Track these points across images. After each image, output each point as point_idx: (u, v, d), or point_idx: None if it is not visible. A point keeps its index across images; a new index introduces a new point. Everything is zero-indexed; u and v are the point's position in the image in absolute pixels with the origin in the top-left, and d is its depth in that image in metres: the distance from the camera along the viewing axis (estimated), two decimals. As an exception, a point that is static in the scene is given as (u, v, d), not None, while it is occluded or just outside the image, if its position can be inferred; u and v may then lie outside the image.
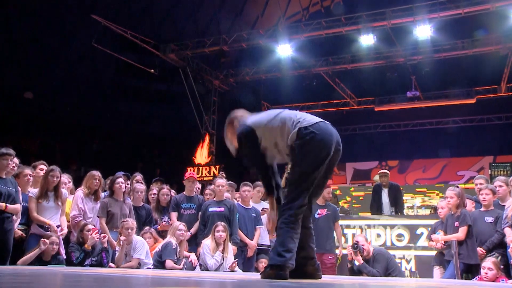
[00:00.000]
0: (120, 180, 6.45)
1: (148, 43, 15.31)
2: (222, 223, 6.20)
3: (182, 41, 15.93)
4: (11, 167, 5.59)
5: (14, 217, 5.60)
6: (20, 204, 5.68)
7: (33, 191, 5.94)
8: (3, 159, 5.46)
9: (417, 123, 19.52)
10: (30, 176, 5.96)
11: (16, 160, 5.71)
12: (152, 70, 15.92)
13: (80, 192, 6.40)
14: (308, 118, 3.55)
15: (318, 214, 6.99)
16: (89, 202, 6.37)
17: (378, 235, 7.85)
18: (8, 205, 5.38)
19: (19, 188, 5.70)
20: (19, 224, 5.83)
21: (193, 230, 6.76)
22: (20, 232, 5.78)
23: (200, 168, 16.18)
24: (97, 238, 5.76)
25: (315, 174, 3.47)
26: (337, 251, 7.26)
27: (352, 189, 16.99)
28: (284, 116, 3.60)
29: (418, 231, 7.62)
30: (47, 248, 5.52)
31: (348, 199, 16.26)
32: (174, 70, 16.46)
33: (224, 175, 7.83)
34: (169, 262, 5.89)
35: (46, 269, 4.86)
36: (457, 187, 6.24)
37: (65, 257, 5.80)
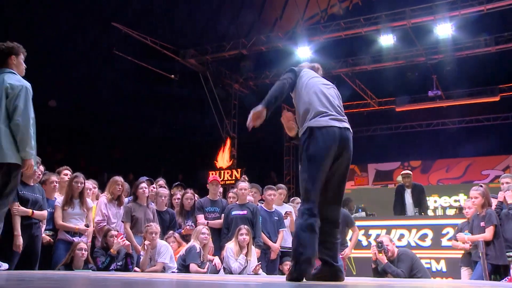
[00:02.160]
0: (144, 185, 6.50)
1: (168, 49, 15.43)
2: (246, 226, 6.20)
3: (202, 46, 16.03)
4: (38, 175, 5.69)
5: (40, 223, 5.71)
6: (47, 210, 5.79)
7: (59, 199, 6.04)
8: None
9: (439, 122, 19.25)
10: (56, 183, 6.05)
11: (41, 167, 5.81)
12: (173, 76, 16.03)
13: (104, 197, 6.47)
14: (321, 119, 3.59)
15: None
16: (112, 207, 6.44)
17: (402, 236, 7.77)
18: (34, 211, 5.48)
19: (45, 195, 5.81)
20: (46, 230, 5.93)
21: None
22: (48, 238, 5.88)
23: (222, 171, 16.23)
24: (123, 243, 5.81)
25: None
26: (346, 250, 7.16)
27: (374, 190, 16.83)
28: (313, 101, 3.66)
29: (444, 231, 7.52)
30: (76, 255, 5.59)
31: (371, 200, 16.13)
32: (194, 75, 16.54)
33: (247, 178, 7.84)
34: (193, 266, 5.91)
35: (74, 273, 4.93)
36: (481, 186, 6.15)
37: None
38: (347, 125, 3.67)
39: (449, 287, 3.34)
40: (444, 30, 13.31)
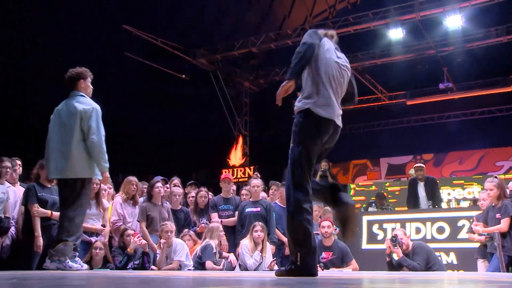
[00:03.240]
0: (159, 184, 6.55)
1: (178, 49, 15.48)
2: (260, 223, 6.22)
3: (211, 45, 16.06)
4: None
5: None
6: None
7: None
8: None
9: (451, 114, 19.09)
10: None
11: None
12: (183, 76, 16.09)
13: (119, 197, 6.53)
14: (324, 107, 3.56)
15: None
16: (127, 207, 6.50)
17: (418, 229, 7.72)
18: (53, 212, 5.57)
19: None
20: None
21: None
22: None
23: (235, 169, 16.27)
24: (139, 242, 5.86)
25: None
26: None
27: (387, 184, 16.75)
28: (324, 81, 3.63)
29: (460, 224, 7.46)
30: (94, 254, 5.66)
31: (384, 194, 16.05)
32: (204, 74, 16.59)
33: (259, 176, 7.86)
34: (209, 263, 5.94)
35: (93, 272, 4.98)
36: (496, 177, 6.09)
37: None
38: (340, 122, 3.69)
39: (466, 279, 3.33)
40: (453, 21, 13.19)
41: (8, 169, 5.79)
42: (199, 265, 6.02)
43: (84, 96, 5.06)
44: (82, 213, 4.95)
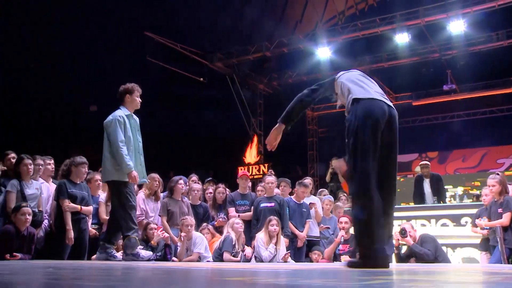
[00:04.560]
0: (181, 181, 6.60)
1: (196, 54, 15.55)
2: (275, 217, 6.22)
3: (227, 49, 16.10)
4: (84, 172, 5.86)
5: (87, 217, 5.86)
6: (92, 206, 5.94)
7: (103, 195, 6.18)
8: (82, 167, 5.75)
9: (455, 114, 18.93)
10: (100, 181, 6.20)
11: (86, 167, 5.97)
12: (201, 79, 16.15)
13: (142, 193, 6.57)
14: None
15: None
16: (150, 202, 6.53)
17: (423, 225, 7.65)
18: (82, 207, 5.64)
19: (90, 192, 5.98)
20: (92, 224, 6.08)
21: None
22: (94, 231, 6.02)
23: (250, 167, 16.29)
24: (162, 235, 5.90)
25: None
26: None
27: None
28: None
29: (463, 220, 7.36)
30: (119, 246, 5.71)
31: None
32: (221, 77, 16.65)
33: (273, 173, 7.86)
34: (226, 255, 5.96)
35: (118, 263, 5.03)
36: (498, 174, 6.04)
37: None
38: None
39: (469, 270, 3.30)
40: (457, 26, 13.10)
41: (41, 167, 5.89)
42: (220, 256, 6.04)
43: (120, 109, 5.32)
44: (128, 211, 5.10)
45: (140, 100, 5.46)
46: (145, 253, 5.22)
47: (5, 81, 13.56)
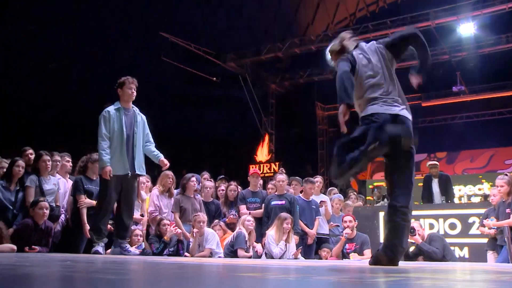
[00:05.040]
0: (194, 179, 6.61)
1: (209, 54, 15.59)
2: (288, 214, 6.20)
3: (240, 50, 16.12)
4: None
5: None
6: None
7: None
8: (97, 164, 5.77)
9: (463, 115, 18.78)
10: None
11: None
12: (215, 78, 16.19)
13: (156, 190, 6.59)
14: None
15: None
16: (164, 199, 6.55)
17: (431, 225, 7.58)
18: (98, 202, 5.67)
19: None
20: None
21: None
22: (109, 226, 6.06)
23: (261, 165, 16.30)
24: (175, 231, 5.92)
25: None
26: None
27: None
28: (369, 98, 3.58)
29: (470, 220, 7.29)
30: (133, 240, 5.75)
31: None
32: (234, 77, 16.67)
33: (284, 171, 7.84)
34: (240, 251, 5.95)
35: (132, 257, 5.07)
36: (506, 175, 5.96)
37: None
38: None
39: (478, 270, 3.28)
40: (466, 29, 13.01)
41: (58, 163, 5.94)
42: (231, 252, 6.04)
43: (112, 104, 5.39)
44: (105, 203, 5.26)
45: (134, 91, 5.43)
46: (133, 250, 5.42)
47: (24, 80, 13.72)
